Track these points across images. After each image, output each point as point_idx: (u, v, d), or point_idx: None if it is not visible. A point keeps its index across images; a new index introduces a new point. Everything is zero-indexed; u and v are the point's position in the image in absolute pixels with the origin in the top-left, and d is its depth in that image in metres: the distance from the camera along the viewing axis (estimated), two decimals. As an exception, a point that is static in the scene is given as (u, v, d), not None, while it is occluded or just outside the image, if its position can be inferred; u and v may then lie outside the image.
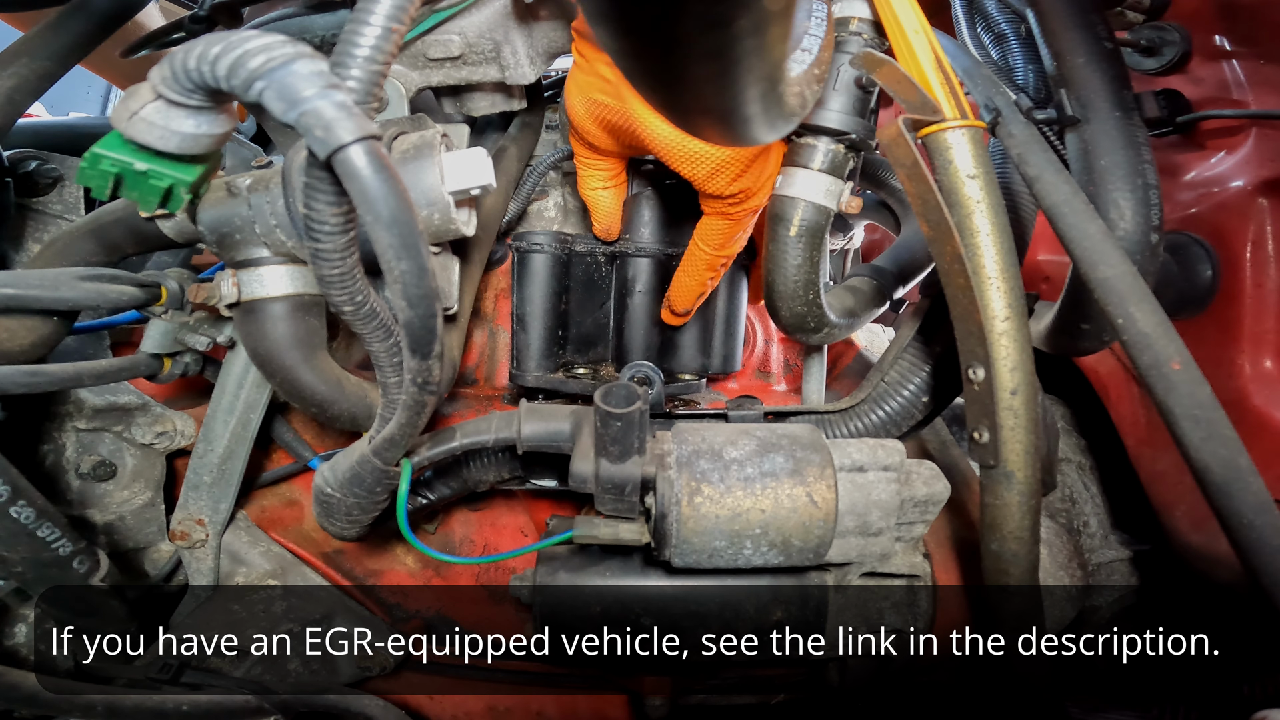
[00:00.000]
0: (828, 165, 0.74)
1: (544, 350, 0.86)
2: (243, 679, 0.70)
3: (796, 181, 0.75)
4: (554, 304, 0.86)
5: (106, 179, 0.50)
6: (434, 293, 0.43)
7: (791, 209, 0.75)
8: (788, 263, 0.76)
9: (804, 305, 0.78)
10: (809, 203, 0.74)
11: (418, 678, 0.87)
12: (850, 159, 0.76)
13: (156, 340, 0.75)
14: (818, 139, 0.74)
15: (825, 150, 0.74)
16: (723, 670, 0.90)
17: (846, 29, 0.71)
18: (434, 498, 0.76)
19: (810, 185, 0.74)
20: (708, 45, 0.30)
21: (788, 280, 0.77)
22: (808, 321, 0.79)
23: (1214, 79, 0.81)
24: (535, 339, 0.86)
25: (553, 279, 0.85)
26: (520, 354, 0.87)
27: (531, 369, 0.86)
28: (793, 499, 0.61)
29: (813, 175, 0.74)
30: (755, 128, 0.43)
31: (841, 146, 0.74)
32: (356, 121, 0.37)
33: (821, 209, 0.75)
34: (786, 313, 0.79)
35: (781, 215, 0.76)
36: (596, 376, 0.88)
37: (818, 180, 0.74)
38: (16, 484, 0.59)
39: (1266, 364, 0.76)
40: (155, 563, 0.87)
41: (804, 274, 0.76)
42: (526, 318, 0.86)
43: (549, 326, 0.86)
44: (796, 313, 0.78)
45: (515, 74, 0.79)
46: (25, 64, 0.72)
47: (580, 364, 0.89)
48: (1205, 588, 0.85)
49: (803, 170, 0.75)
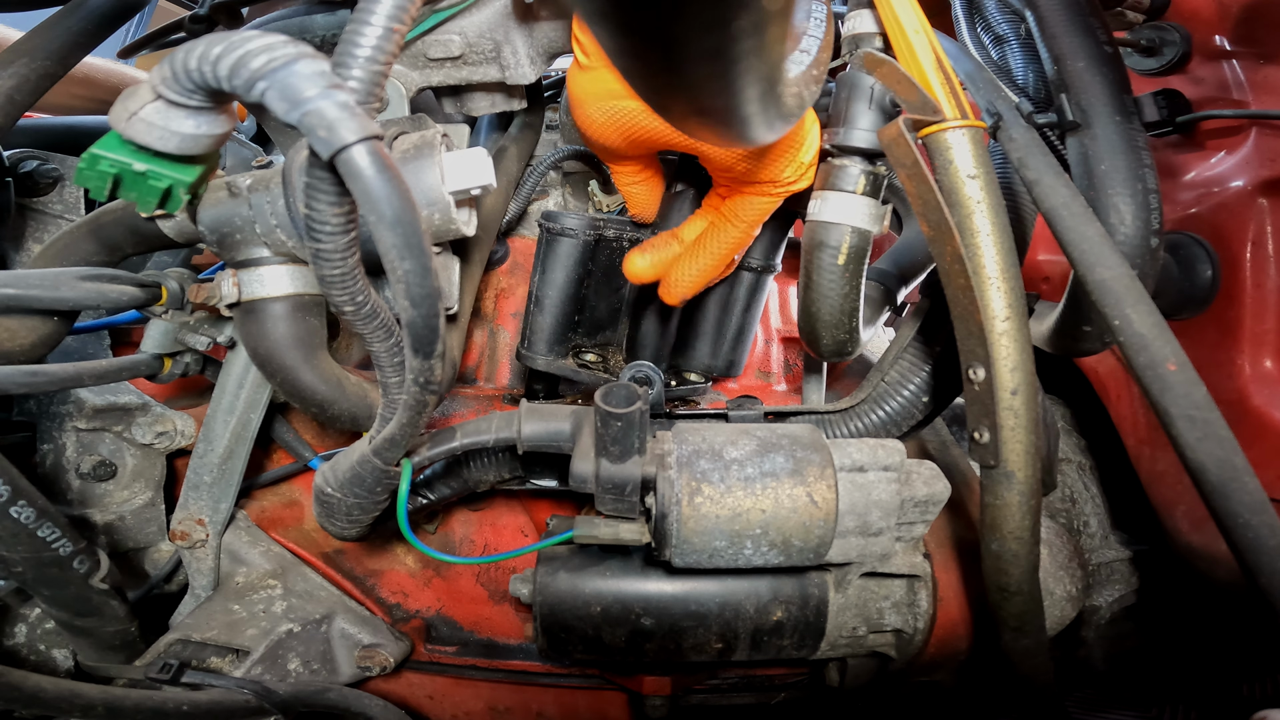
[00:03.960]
0: (868, 188, 0.72)
1: (557, 335, 0.84)
2: (243, 679, 0.70)
3: (837, 206, 0.72)
4: (575, 290, 0.83)
5: (105, 180, 0.50)
6: (437, 292, 0.43)
7: (837, 235, 0.72)
8: (835, 292, 0.73)
9: (846, 333, 0.76)
10: (854, 228, 0.72)
11: (418, 678, 0.87)
12: (886, 179, 0.73)
13: (157, 340, 0.75)
14: (852, 160, 0.72)
15: (863, 172, 0.71)
16: (723, 670, 0.90)
17: (872, 45, 0.69)
18: (434, 498, 0.76)
19: (853, 210, 0.72)
20: (706, 45, 0.30)
21: (834, 311, 0.74)
22: (847, 347, 0.77)
23: (1214, 79, 0.81)
24: (549, 321, 0.83)
25: (579, 265, 0.82)
26: (532, 335, 0.84)
27: (542, 351, 0.84)
28: (793, 499, 0.61)
29: (853, 199, 0.71)
30: (753, 128, 0.43)
31: (880, 168, 0.72)
32: (359, 122, 0.37)
33: (865, 233, 0.72)
34: (829, 340, 0.76)
35: (825, 241, 0.72)
36: (605, 363, 0.88)
37: (859, 204, 0.72)
38: (16, 484, 0.59)
39: (1266, 364, 0.76)
40: (155, 563, 0.87)
41: (850, 303, 0.74)
42: (545, 300, 0.83)
43: (567, 312, 0.84)
44: (839, 340, 0.76)
45: (515, 74, 0.79)
46: (25, 64, 0.72)
47: (589, 348, 0.88)
48: (1205, 588, 0.85)
49: (842, 194, 0.72)
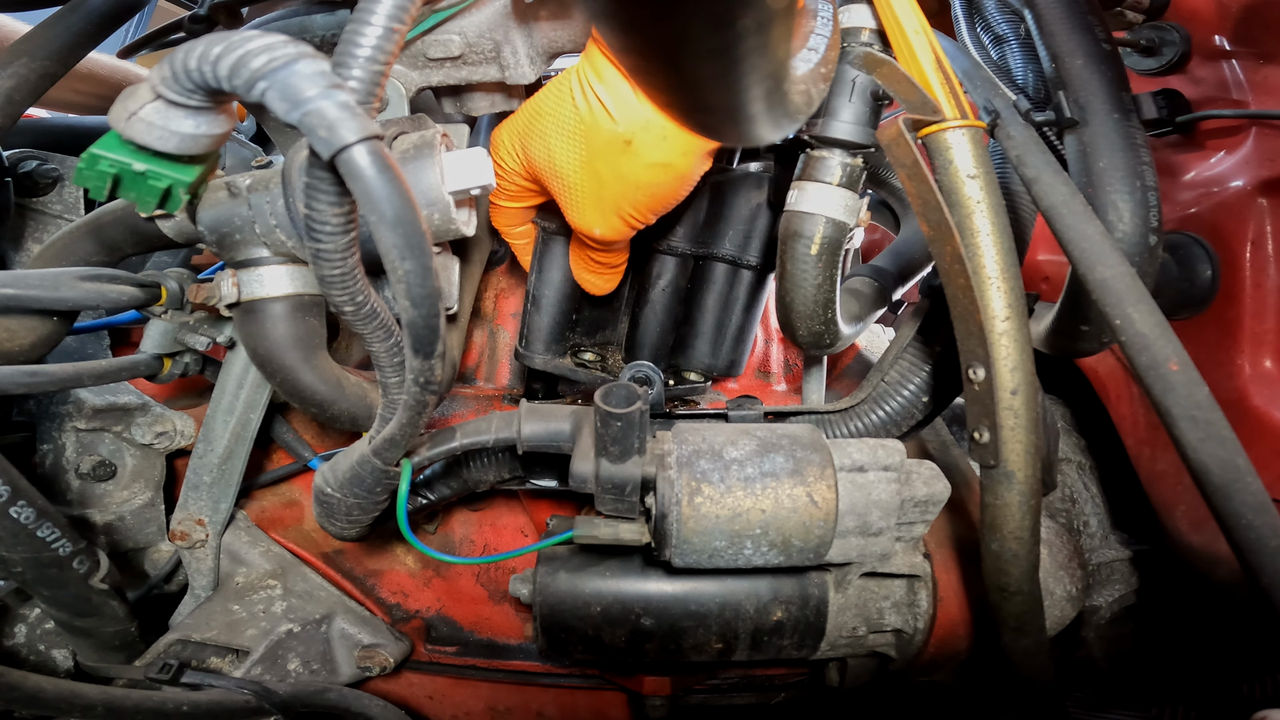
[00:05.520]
0: (845, 179, 0.71)
1: (555, 334, 0.84)
2: (243, 679, 0.70)
3: (813, 197, 0.72)
4: (573, 289, 0.83)
5: (104, 180, 0.49)
6: (438, 292, 0.43)
7: (811, 226, 0.72)
8: (808, 282, 0.73)
9: (821, 324, 0.76)
10: (829, 219, 0.72)
11: (418, 678, 0.87)
12: (865, 172, 0.73)
13: (156, 340, 0.75)
14: (832, 152, 0.72)
15: (841, 164, 0.71)
16: (723, 670, 0.90)
17: (858, 39, 0.68)
18: (434, 498, 0.76)
19: (828, 200, 0.71)
20: (711, 44, 0.30)
21: (808, 300, 0.74)
22: (824, 339, 0.77)
23: (1214, 79, 0.81)
24: (547, 320, 0.83)
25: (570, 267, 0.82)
26: (530, 334, 0.84)
27: (540, 350, 0.84)
28: (793, 499, 0.61)
29: (830, 190, 0.71)
30: (760, 126, 0.43)
31: (859, 160, 0.72)
32: (360, 122, 0.37)
33: (840, 225, 0.72)
34: (804, 331, 0.76)
35: (800, 232, 0.72)
36: (604, 362, 0.88)
37: (835, 195, 0.71)
38: (16, 484, 0.59)
39: (1266, 364, 0.76)
40: (155, 563, 0.87)
41: (824, 293, 0.74)
42: (542, 300, 0.83)
43: (564, 311, 0.84)
44: (815, 331, 0.76)
45: (515, 74, 0.79)
46: (25, 64, 0.72)
47: (588, 347, 0.88)
48: (1205, 588, 0.85)
49: (819, 185, 0.72)
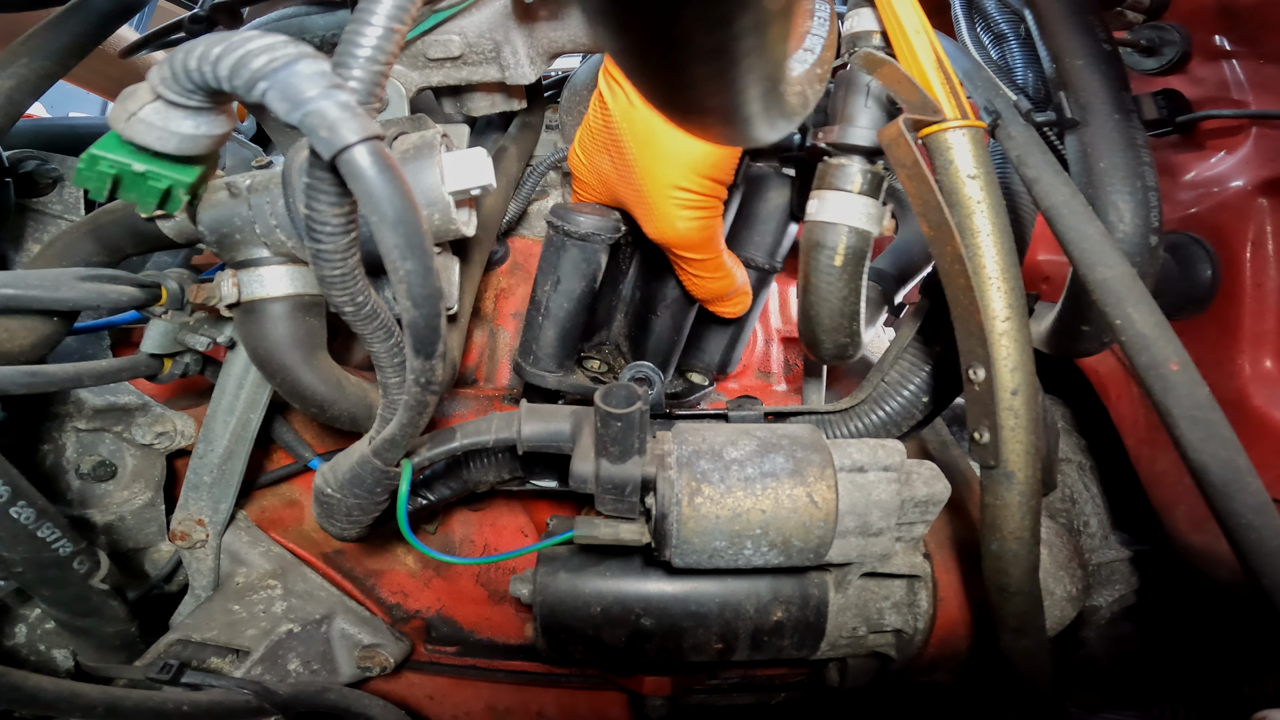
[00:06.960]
0: (866, 186, 0.70)
1: (567, 349, 0.80)
2: (243, 679, 0.70)
3: (834, 206, 0.70)
4: (592, 300, 0.79)
5: (104, 180, 0.49)
6: (439, 293, 0.43)
7: (834, 236, 0.70)
8: (834, 294, 0.71)
9: (847, 336, 0.74)
10: (851, 228, 0.70)
11: (418, 678, 0.87)
12: (887, 179, 0.72)
13: (156, 340, 0.75)
14: (851, 158, 0.71)
15: (861, 170, 0.70)
16: (723, 670, 0.90)
17: (869, 43, 0.68)
18: (434, 498, 0.76)
19: (850, 209, 0.70)
20: (708, 44, 0.30)
21: (834, 313, 0.72)
22: (848, 350, 0.76)
23: (1214, 79, 0.81)
24: (559, 334, 0.79)
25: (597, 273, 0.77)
26: (538, 349, 0.80)
27: (551, 368, 0.80)
28: (793, 499, 0.61)
29: (851, 198, 0.70)
30: (756, 127, 0.43)
31: (879, 166, 0.71)
32: (360, 122, 0.37)
33: (864, 234, 0.71)
34: (830, 344, 0.75)
35: (822, 242, 0.71)
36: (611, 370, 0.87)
37: (857, 204, 0.70)
38: (16, 484, 0.59)
39: (1266, 364, 0.76)
40: (155, 563, 0.87)
41: (850, 305, 0.72)
42: (558, 312, 0.78)
43: (579, 324, 0.79)
44: (840, 344, 0.75)
45: (515, 74, 0.79)
46: (25, 64, 0.72)
47: (588, 351, 0.87)
48: (1205, 588, 0.85)
49: (840, 193, 0.70)
